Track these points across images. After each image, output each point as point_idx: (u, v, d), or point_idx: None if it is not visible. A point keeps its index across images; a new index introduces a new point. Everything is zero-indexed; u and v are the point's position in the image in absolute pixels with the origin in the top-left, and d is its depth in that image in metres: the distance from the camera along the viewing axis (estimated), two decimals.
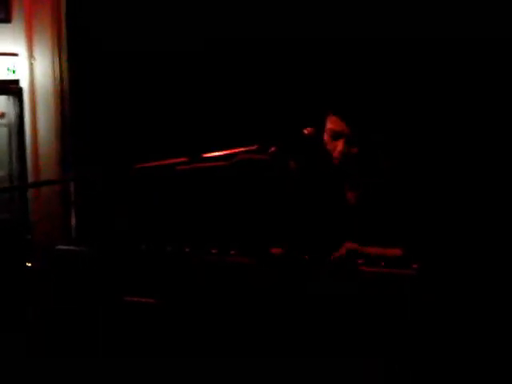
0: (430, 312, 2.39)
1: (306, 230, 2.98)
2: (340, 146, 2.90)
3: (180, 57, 4.25)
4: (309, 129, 2.87)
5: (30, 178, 4.49)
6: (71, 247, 3.03)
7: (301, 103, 3.77)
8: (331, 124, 2.92)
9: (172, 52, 4.27)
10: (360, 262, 2.57)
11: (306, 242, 2.88)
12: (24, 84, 4.48)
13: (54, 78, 4.52)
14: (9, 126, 4.45)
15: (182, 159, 2.72)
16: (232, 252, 2.72)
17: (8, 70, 4.44)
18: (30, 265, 4.40)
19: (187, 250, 2.76)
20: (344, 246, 2.72)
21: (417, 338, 2.41)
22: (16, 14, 4.49)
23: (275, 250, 2.76)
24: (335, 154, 2.92)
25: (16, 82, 4.46)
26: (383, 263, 2.51)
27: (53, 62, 4.52)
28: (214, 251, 2.75)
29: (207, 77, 4.19)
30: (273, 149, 2.76)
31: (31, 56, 4.51)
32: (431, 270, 2.44)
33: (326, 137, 2.95)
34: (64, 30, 4.50)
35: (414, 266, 2.43)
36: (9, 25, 4.48)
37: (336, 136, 2.91)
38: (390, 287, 2.40)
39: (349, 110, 2.90)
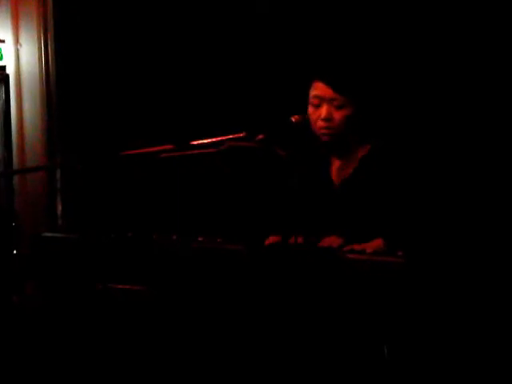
0: (418, 300, 2.40)
1: (295, 216, 2.98)
2: (323, 111, 2.87)
3: (167, 44, 4.25)
4: (296, 116, 2.86)
5: (16, 165, 4.48)
6: (57, 234, 3.03)
7: (288, 91, 3.77)
8: (313, 90, 2.89)
9: (159, 39, 4.26)
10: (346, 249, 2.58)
11: (296, 228, 2.88)
12: (10, 70, 4.46)
13: (41, 65, 4.50)
14: None
15: (169, 146, 2.71)
16: (218, 240, 2.72)
17: None
18: (15, 252, 4.39)
19: (174, 237, 2.76)
20: (329, 239, 2.72)
21: (404, 326, 2.42)
22: (2, 0, 4.46)
23: (273, 238, 2.76)
24: (319, 122, 2.89)
25: (2, 68, 4.44)
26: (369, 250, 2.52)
27: (39, 49, 4.50)
28: (200, 239, 2.75)
29: (194, 64, 4.19)
30: (260, 136, 2.76)
31: (17, 42, 4.49)
32: (417, 257, 2.45)
33: (309, 109, 2.91)
34: (50, 16, 4.48)
35: (400, 253, 2.44)
36: None
37: (319, 102, 2.88)
38: (376, 274, 2.40)
39: (335, 75, 2.88)
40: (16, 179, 4.49)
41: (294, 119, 2.85)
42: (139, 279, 2.75)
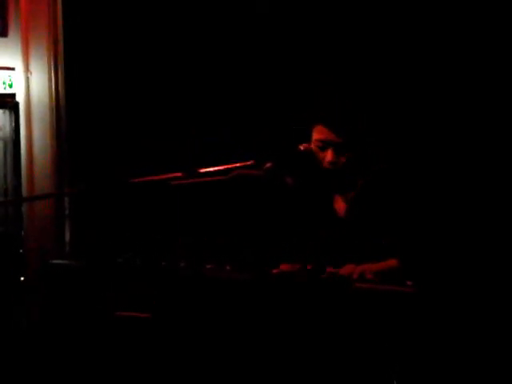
0: (427, 329, 2.39)
1: (302, 244, 2.98)
2: (329, 155, 2.86)
3: (177, 71, 4.27)
4: (305, 144, 2.87)
5: (25, 192, 4.49)
6: (65, 262, 3.02)
7: (297, 119, 3.78)
8: (317, 134, 2.89)
9: (170, 68, 4.28)
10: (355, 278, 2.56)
11: (302, 256, 2.88)
12: (20, 98, 4.49)
13: (51, 92, 4.53)
14: (4, 139, 4.46)
15: (178, 174, 2.72)
16: (227, 267, 2.72)
17: (4, 83, 4.45)
18: (23, 279, 4.39)
19: (182, 264, 2.76)
20: (345, 268, 2.70)
21: (413, 356, 2.40)
22: (12, 28, 4.50)
23: (284, 267, 2.74)
24: (325, 164, 2.89)
25: (12, 95, 4.47)
26: (377, 279, 2.51)
27: (49, 76, 4.53)
28: (209, 266, 2.75)
29: (204, 92, 4.21)
30: (268, 164, 2.76)
31: (27, 70, 4.52)
32: (427, 287, 2.44)
33: (313, 147, 2.91)
34: (61, 45, 4.51)
35: (409, 282, 2.43)
36: (5, 39, 4.49)
37: (324, 146, 2.89)
38: (385, 304, 2.39)
39: (335, 119, 2.89)
40: (25, 206, 4.50)
41: (302, 147, 2.85)
42: (147, 307, 2.74)
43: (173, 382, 2.71)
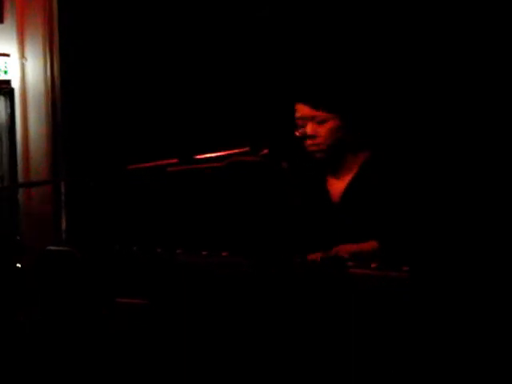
0: (423, 314, 2.39)
1: (298, 229, 2.98)
2: (308, 128, 2.90)
3: (172, 59, 4.26)
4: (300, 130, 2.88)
5: (21, 179, 4.49)
6: (62, 248, 3.03)
7: (293, 105, 3.78)
8: (297, 112, 2.93)
9: (165, 55, 4.28)
10: (350, 263, 2.57)
11: (299, 242, 2.89)
12: (15, 84, 4.48)
13: (46, 79, 4.52)
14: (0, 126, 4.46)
15: (174, 160, 2.72)
16: (224, 254, 2.72)
17: None
18: (19, 266, 4.39)
19: (178, 251, 2.76)
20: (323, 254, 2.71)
21: (409, 341, 2.41)
22: (8, 14, 4.49)
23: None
24: (307, 141, 2.91)
25: (7, 82, 4.46)
26: (373, 265, 2.52)
27: (45, 63, 4.52)
28: (204, 253, 2.75)
29: (199, 79, 4.20)
30: (265, 150, 2.77)
31: (23, 56, 4.51)
32: (422, 272, 2.44)
33: (299, 133, 2.93)
34: (56, 31, 4.51)
35: (405, 268, 2.43)
36: (0, 25, 4.48)
37: (303, 122, 2.90)
38: (380, 289, 2.40)
39: (309, 93, 2.91)
40: (21, 193, 4.50)
41: (298, 133, 2.86)
42: (143, 293, 2.75)
43: (172, 369, 2.72)
